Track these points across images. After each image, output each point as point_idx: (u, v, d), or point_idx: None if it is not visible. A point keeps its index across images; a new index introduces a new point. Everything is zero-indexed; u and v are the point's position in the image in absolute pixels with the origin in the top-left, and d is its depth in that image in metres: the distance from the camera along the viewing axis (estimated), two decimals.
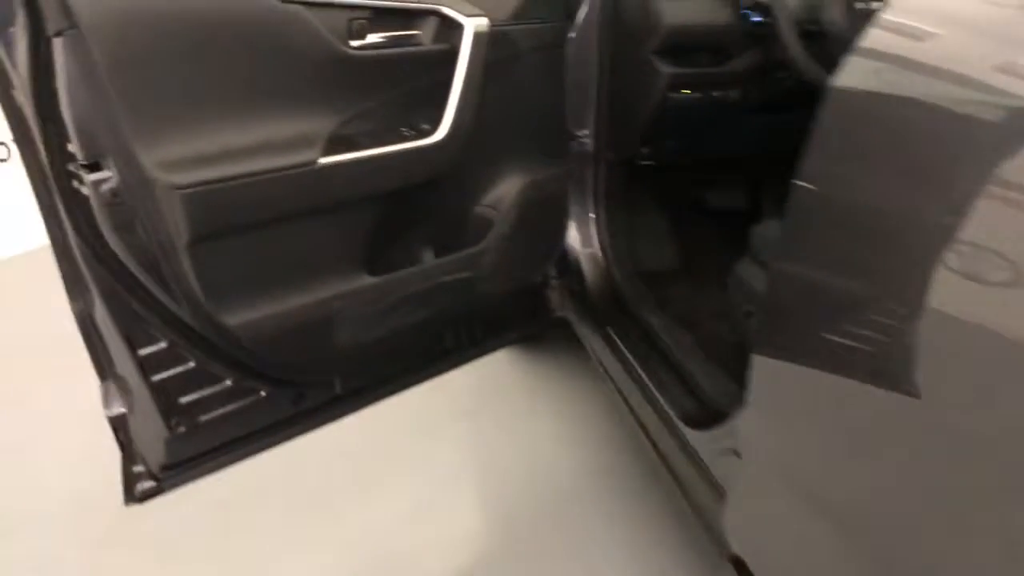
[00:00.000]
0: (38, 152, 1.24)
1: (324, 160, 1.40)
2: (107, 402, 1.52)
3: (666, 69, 1.82)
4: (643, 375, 1.86)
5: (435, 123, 1.58)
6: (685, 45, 1.82)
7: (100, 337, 1.46)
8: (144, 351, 1.45)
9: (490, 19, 1.57)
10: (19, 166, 1.28)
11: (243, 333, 1.44)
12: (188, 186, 1.26)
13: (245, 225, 1.36)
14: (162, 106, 1.24)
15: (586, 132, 2.06)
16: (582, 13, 1.93)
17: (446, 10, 1.52)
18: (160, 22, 1.20)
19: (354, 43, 1.44)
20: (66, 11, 1.13)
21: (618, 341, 2.02)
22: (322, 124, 1.43)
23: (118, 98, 1.19)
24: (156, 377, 1.48)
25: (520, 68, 1.71)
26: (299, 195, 1.40)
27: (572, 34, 1.91)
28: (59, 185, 1.25)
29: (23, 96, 1.20)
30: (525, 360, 2.76)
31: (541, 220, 1.91)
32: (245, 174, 1.32)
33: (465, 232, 1.81)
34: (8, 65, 1.19)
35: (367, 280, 1.60)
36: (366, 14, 1.44)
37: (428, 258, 1.77)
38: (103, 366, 1.49)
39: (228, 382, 1.57)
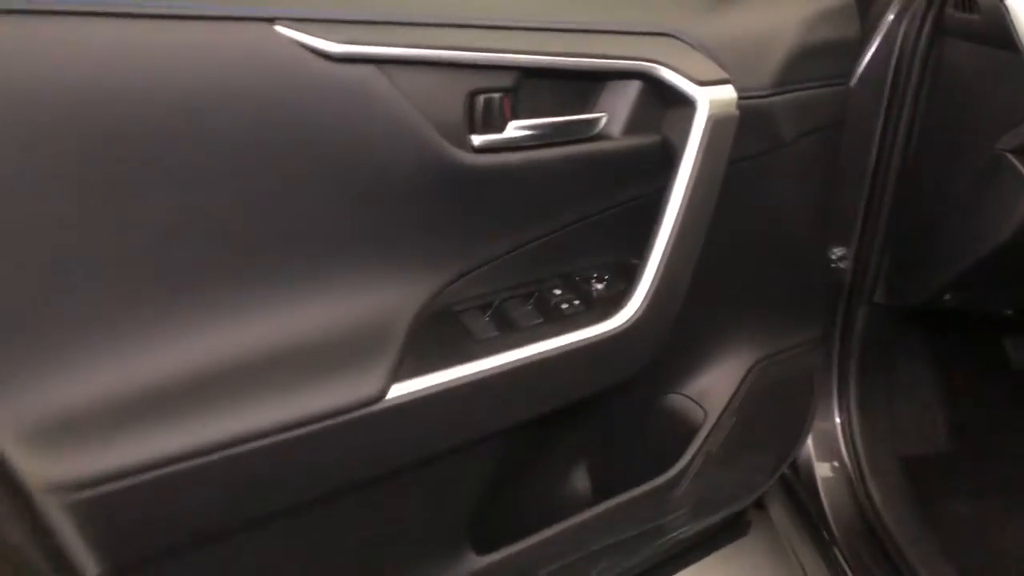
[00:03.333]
0: None
1: (402, 390, 0.67)
2: None
3: None
4: None
5: (622, 279, 0.83)
6: None
7: None
8: None
9: (738, 86, 0.81)
10: None
11: None
12: (93, 483, 0.56)
13: (226, 531, 0.65)
14: (18, 288, 0.54)
15: (841, 253, 1.25)
16: (863, 63, 1.12)
17: (662, 70, 0.76)
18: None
19: (478, 139, 0.71)
20: None
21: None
22: (400, 301, 0.71)
23: None
24: None
25: (773, 169, 0.94)
26: (346, 461, 0.68)
27: None
28: None
29: None
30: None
31: (773, 418, 1.12)
32: (220, 444, 0.60)
33: (647, 444, 1.05)
34: None
35: (473, 562, 0.87)
36: (507, 80, 0.71)
37: (576, 497, 1.02)
38: None
39: None
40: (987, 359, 1.53)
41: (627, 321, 0.79)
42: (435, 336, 0.73)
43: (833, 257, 1.26)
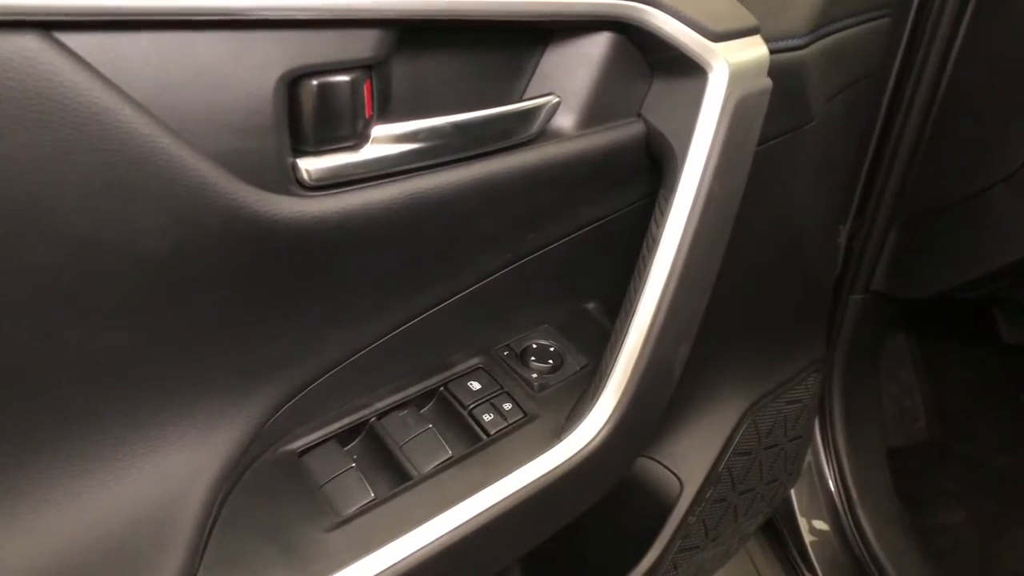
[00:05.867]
0: None
1: None
2: None
3: None
4: None
5: (577, 347, 0.53)
6: None
7: None
8: None
9: (767, 34, 0.48)
10: None
11: None
12: None
13: None
14: None
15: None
16: None
17: (653, 15, 0.43)
18: None
19: (311, 165, 0.36)
20: None
21: None
22: (182, 472, 0.38)
23: None
24: None
25: (793, 150, 0.62)
26: None
27: None
28: None
29: None
30: None
31: (764, 472, 0.85)
32: None
33: (607, 529, 0.76)
34: None
35: None
36: (365, 47, 0.35)
37: None
38: None
39: None
40: (974, 335, 1.31)
41: (595, 438, 0.48)
42: (259, 524, 0.40)
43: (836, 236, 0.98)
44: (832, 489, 1.07)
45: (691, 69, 0.44)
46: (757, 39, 0.47)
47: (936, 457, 1.24)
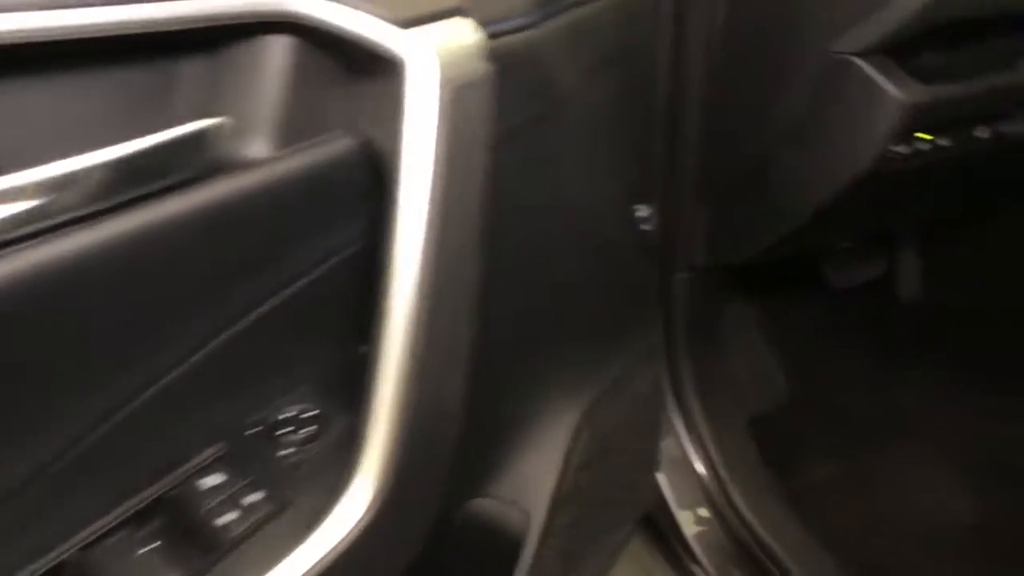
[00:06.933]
0: None
1: None
2: None
3: (905, 93, 0.71)
4: None
5: (340, 405, 0.45)
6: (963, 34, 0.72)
7: None
8: None
9: (480, 17, 0.42)
10: None
11: None
12: None
13: None
14: None
15: (646, 212, 0.95)
16: None
17: (308, 7, 0.36)
18: None
19: None
20: None
21: None
22: None
23: None
24: None
25: (555, 137, 0.57)
26: None
27: None
28: None
29: None
30: None
31: (622, 472, 0.80)
32: None
33: None
34: None
35: None
36: None
37: None
38: None
39: None
40: (810, 287, 1.34)
41: (363, 516, 0.40)
42: None
43: (637, 218, 0.96)
44: (702, 474, 1.05)
45: (384, 64, 0.38)
46: (464, 21, 0.41)
47: (800, 416, 1.25)
